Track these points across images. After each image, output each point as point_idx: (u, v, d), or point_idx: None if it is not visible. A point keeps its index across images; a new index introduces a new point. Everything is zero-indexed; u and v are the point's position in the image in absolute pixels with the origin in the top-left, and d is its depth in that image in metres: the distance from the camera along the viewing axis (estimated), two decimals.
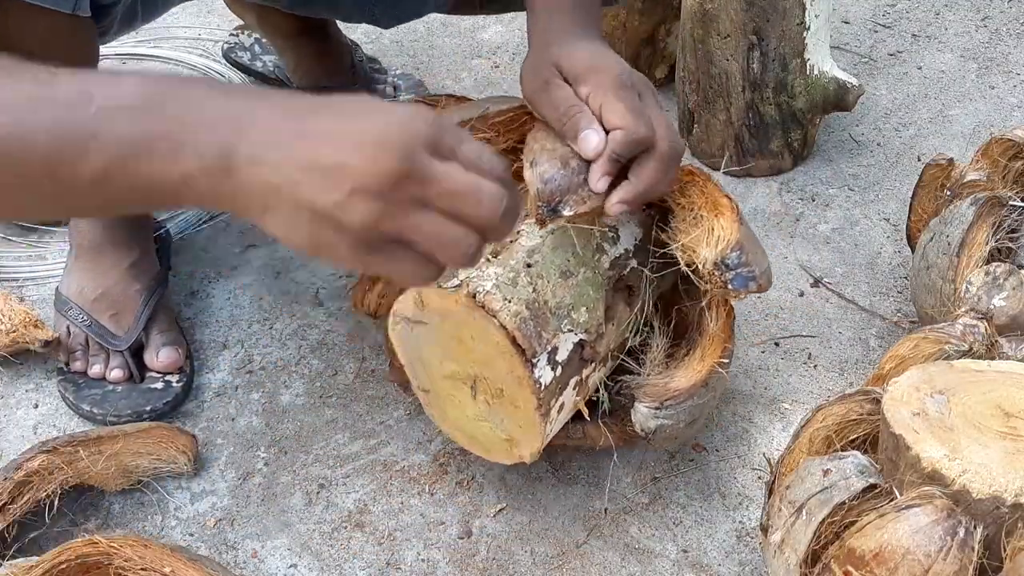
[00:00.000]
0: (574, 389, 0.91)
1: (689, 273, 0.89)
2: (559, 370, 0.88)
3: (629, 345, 0.97)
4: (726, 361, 0.93)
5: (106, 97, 0.58)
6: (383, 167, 0.58)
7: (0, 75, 0.58)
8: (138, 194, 0.60)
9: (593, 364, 0.92)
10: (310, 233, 0.59)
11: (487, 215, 0.61)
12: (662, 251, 0.92)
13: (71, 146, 0.58)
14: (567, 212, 0.84)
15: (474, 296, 0.85)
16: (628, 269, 0.94)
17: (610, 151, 0.82)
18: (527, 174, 0.83)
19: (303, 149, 0.58)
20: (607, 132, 0.83)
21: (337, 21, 1.48)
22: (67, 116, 0.58)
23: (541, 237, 0.90)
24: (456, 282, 0.86)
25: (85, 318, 1.11)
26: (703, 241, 0.87)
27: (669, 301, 1.01)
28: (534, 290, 0.87)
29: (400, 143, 0.58)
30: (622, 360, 0.96)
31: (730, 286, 0.87)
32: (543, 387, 0.86)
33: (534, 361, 0.85)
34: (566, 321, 0.88)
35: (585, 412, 0.95)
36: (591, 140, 0.83)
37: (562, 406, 0.90)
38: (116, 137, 0.57)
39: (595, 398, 0.97)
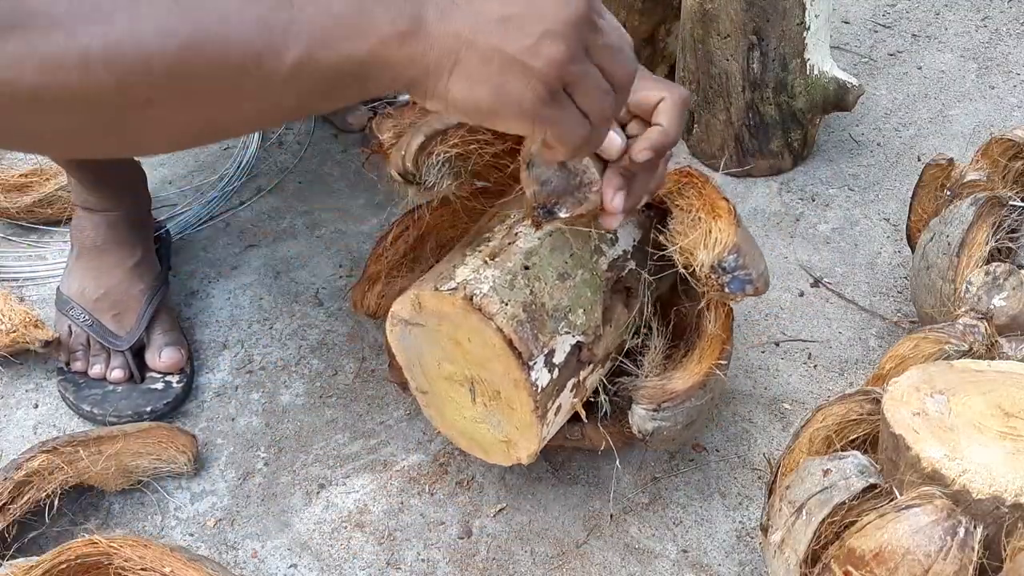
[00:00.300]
0: (571, 391, 0.91)
1: (687, 275, 0.89)
2: (556, 372, 0.88)
3: (627, 346, 0.97)
4: (724, 363, 0.93)
5: None
6: (572, 11, 0.63)
7: None
8: (330, 82, 0.62)
9: (591, 366, 0.92)
10: (498, 83, 0.63)
11: (626, 73, 0.68)
12: (660, 253, 0.92)
13: (273, 38, 0.59)
14: (563, 214, 0.83)
15: (471, 299, 0.84)
16: (626, 270, 0.94)
17: (649, 145, 0.80)
18: (523, 176, 0.83)
19: (492, 1, 0.62)
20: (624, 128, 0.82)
21: None
22: (270, 13, 0.59)
23: (539, 239, 0.90)
24: (453, 284, 0.86)
25: (87, 318, 1.11)
26: (700, 244, 0.87)
27: (668, 302, 1.01)
28: (531, 292, 0.87)
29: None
30: (620, 361, 0.96)
31: (727, 289, 0.87)
32: (540, 390, 0.86)
33: (531, 364, 0.85)
34: (563, 323, 0.88)
35: (583, 414, 0.94)
36: (616, 142, 0.80)
37: (559, 408, 0.90)
38: (313, 23, 0.60)
39: (593, 399, 0.97)
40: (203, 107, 0.62)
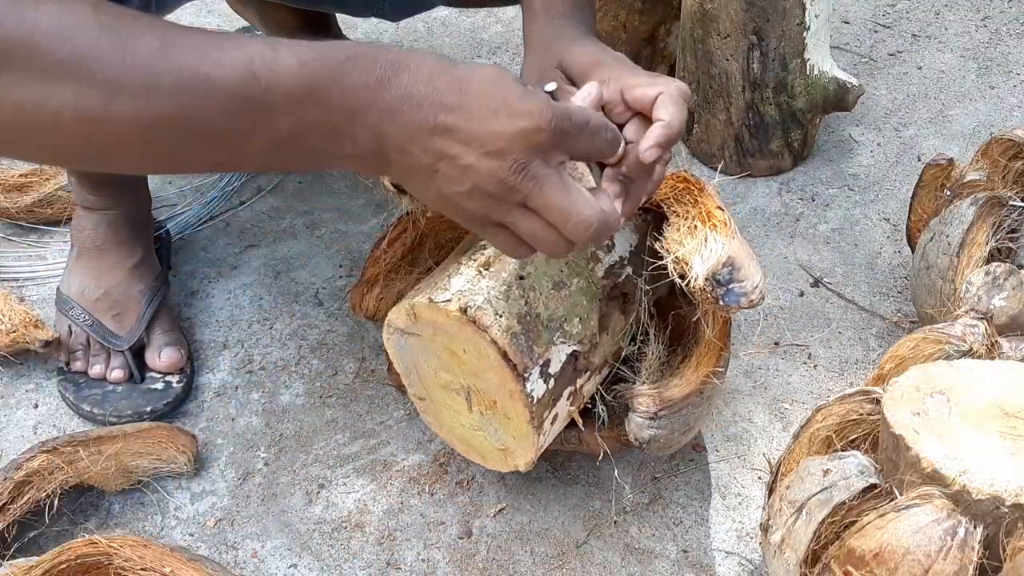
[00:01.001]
0: (568, 399, 0.90)
1: (682, 286, 0.88)
2: (552, 382, 0.87)
3: (624, 353, 0.96)
4: (721, 370, 0.93)
5: (271, 77, 0.63)
6: (498, 176, 0.67)
7: (160, 41, 0.62)
8: (302, 162, 0.71)
9: (587, 374, 0.92)
10: (437, 204, 0.72)
11: (572, 236, 0.71)
12: (657, 261, 0.91)
13: (242, 126, 0.64)
14: None
15: (465, 311, 0.84)
16: (623, 277, 0.94)
17: (658, 139, 0.79)
18: None
19: (440, 145, 0.67)
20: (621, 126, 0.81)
21: (339, 21, 1.48)
22: (238, 97, 0.63)
23: None
24: (447, 296, 0.86)
25: (87, 318, 1.11)
26: (695, 255, 0.86)
27: (666, 305, 1.00)
28: (526, 303, 0.86)
29: (518, 153, 0.67)
30: (617, 368, 0.96)
31: (721, 302, 0.85)
32: (535, 400, 0.86)
33: (526, 375, 0.85)
34: (558, 333, 0.88)
35: (579, 422, 0.94)
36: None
37: (555, 417, 0.90)
38: (283, 122, 0.64)
39: (591, 405, 0.96)
40: (170, 164, 0.71)
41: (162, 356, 1.11)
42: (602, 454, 0.96)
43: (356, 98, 0.65)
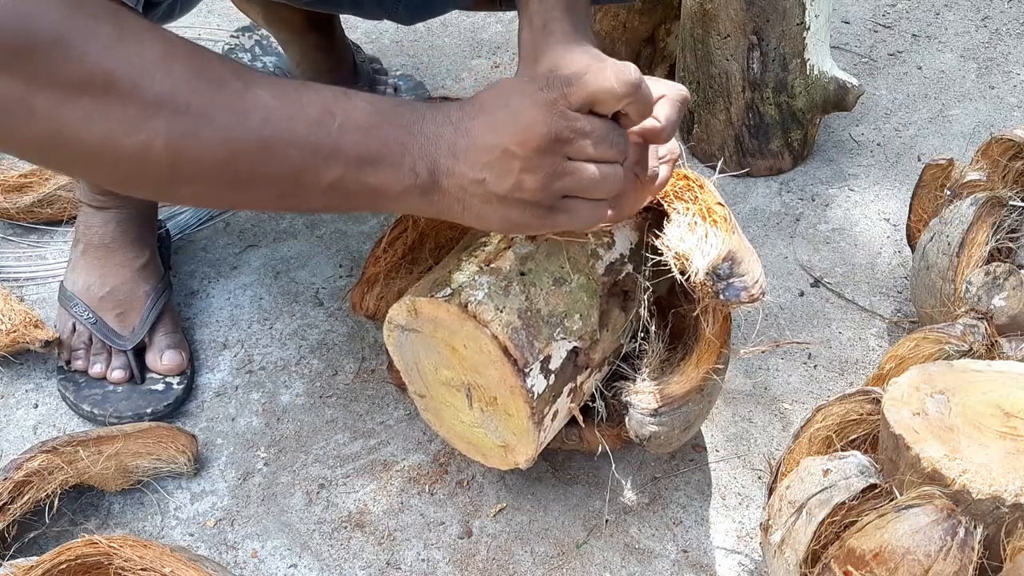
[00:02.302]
0: (568, 396, 0.91)
1: (682, 282, 0.88)
2: (552, 378, 0.87)
3: (624, 350, 0.96)
4: (721, 367, 0.93)
5: (344, 115, 0.71)
6: (532, 142, 0.71)
7: (243, 80, 0.69)
8: (361, 201, 0.75)
9: (588, 371, 0.92)
10: (503, 215, 0.74)
11: (619, 152, 0.75)
12: (657, 258, 0.91)
13: (316, 158, 0.71)
14: None
15: (466, 306, 0.84)
16: (623, 274, 0.94)
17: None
18: None
19: (476, 153, 0.72)
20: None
21: (339, 22, 1.48)
22: (316, 132, 0.70)
23: (535, 244, 0.90)
24: (448, 291, 0.86)
25: (90, 315, 1.11)
26: (696, 250, 0.86)
27: (667, 303, 1.00)
28: (527, 299, 0.87)
29: (540, 117, 0.71)
30: (618, 366, 0.96)
31: (721, 296, 0.86)
32: (536, 396, 0.86)
33: (526, 371, 0.85)
34: (559, 329, 0.88)
35: (580, 418, 0.94)
36: None
37: (556, 414, 0.90)
38: (352, 153, 0.71)
39: (591, 403, 0.96)
40: (240, 196, 0.75)
41: (164, 359, 1.11)
42: (600, 450, 0.96)
43: (411, 132, 0.73)
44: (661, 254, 0.89)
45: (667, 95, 0.83)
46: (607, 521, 1.00)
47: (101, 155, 0.67)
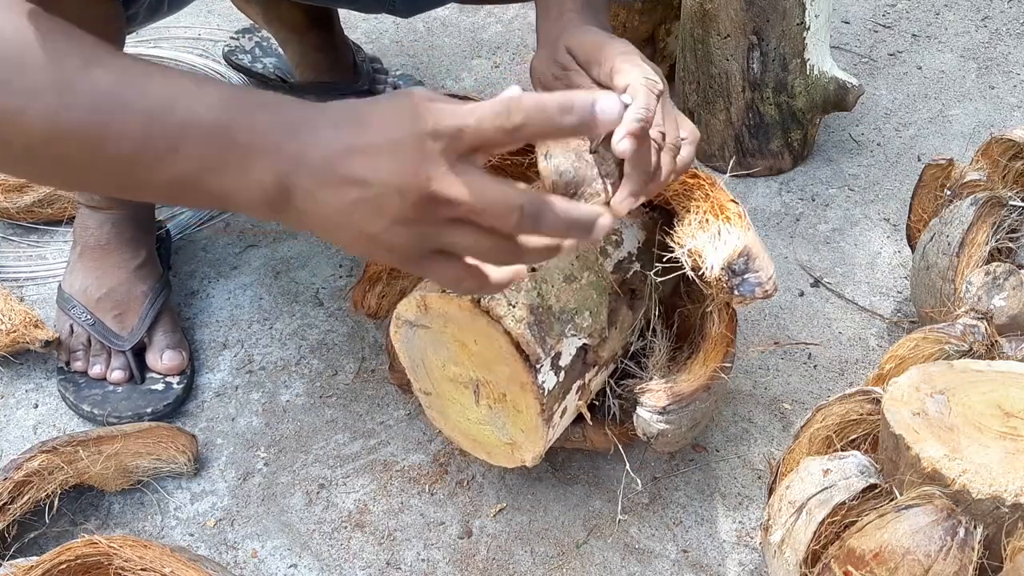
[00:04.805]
0: (576, 393, 0.91)
1: (695, 278, 0.89)
2: (562, 375, 0.87)
3: (632, 348, 0.97)
4: (728, 365, 0.93)
5: (188, 111, 0.64)
6: (410, 196, 0.62)
7: (84, 60, 0.64)
8: (208, 204, 0.69)
9: (596, 368, 0.92)
10: (366, 251, 0.67)
11: (504, 226, 0.63)
12: (667, 256, 0.92)
13: (148, 155, 0.64)
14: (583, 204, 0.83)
15: (478, 301, 0.84)
16: (631, 272, 0.94)
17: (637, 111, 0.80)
18: (542, 167, 0.83)
19: (346, 189, 0.63)
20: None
21: (338, 21, 1.48)
22: (153, 125, 0.63)
23: None
24: None
25: (88, 317, 1.11)
26: (710, 246, 0.87)
27: (670, 304, 1.01)
28: (539, 295, 0.87)
29: (423, 171, 0.62)
30: (625, 364, 0.96)
31: (737, 292, 0.86)
32: (546, 392, 0.86)
33: (538, 367, 0.85)
34: (570, 326, 0.88)
35: (587, 416, 0.94)
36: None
37: (564, 411, 0.90)
38: (193, 154, 0.64)
39: (596, 401, 0.97)
40: (77, 179, 0.71)
41: (164, 359, 1.11)
42: (608, 449, 0.96)
43: (264, 140, 0.64)
44: (671, 250, 0.89)
45: (634, 84, 0.81)
46: (617, 521, 1.00)
47: None
